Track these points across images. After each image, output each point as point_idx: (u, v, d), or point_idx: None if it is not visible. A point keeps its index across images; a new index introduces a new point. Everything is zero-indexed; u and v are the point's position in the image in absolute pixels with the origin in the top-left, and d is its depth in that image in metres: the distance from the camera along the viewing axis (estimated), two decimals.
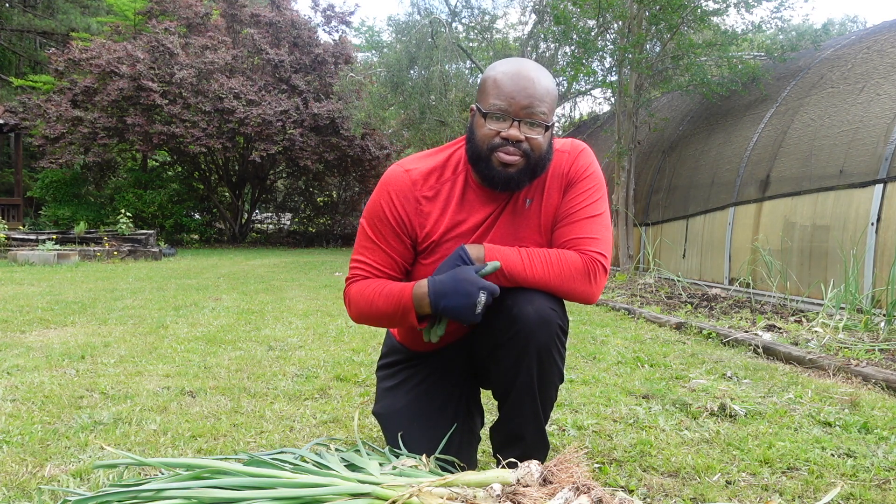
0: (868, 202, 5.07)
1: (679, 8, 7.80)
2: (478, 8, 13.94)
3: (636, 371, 3.15)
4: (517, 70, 1.50)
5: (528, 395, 1.54)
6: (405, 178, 1.60)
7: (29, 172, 17.25)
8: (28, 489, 1.65)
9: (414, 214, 1.59)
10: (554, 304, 1.51)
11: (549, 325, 1.49)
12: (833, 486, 1.73)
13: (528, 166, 1.51)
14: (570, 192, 1.58)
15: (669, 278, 7.29)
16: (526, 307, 1.48)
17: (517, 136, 1.47)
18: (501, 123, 1.48)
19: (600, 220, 1.56)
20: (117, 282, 7.16)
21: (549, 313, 1.49)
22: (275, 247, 16.80)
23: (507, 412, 1.60)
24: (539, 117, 1.48)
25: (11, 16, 20.05)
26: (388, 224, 1.59)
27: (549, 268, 1.49)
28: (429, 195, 1.60)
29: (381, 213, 1.59)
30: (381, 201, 1.60)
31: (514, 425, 1.60)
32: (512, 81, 1.48)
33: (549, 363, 1.53)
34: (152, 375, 2.91)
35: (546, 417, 1.62)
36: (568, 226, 1.56)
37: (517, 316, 1.48)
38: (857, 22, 23.67)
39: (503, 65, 1.53)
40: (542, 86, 1.49)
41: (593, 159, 1.64)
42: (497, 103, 1.48)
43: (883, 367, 3.04)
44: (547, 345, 1.50)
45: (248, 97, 14.35)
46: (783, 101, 6.94)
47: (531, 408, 1.56)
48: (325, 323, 4.50)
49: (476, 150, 1.53)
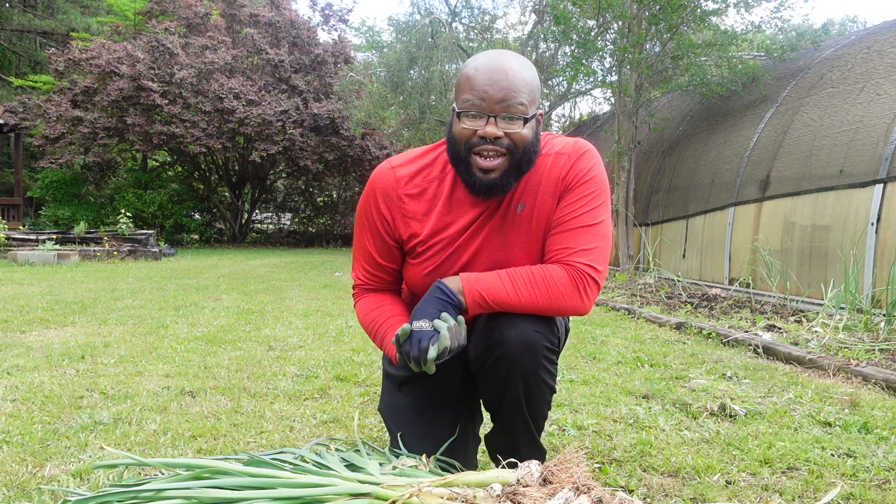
0: (868, 202, 5.07)
1: (679, 8, 7.81)
2: (478, 8, 13.94)
3: (636, 371, 3.15)
4: (490, 62, 1.40)
5: (517, 414, 1.53)
6: (390, 175, 1.58)
7: (29, 172, 17.25)
8: (28, 489, 1.65)
9: (397, 213, 1.56)
10: (538, 326, 1.45)
11: (534, 350, 1.43)
12: (833, 486, 1.73)
13: (512, 164, 1.42)
14: (567, 197, 1.48)
15: (669, 278, 7.29)
16: (507, 331, 1.42)
17: (494, 132, 1.38)
18: (477, 121, 1.39)
19: (596, 230, 1.46)
20: (117, 282, 7.16)
21: (533, 336, 1.43)
22: (275, 247, 16.80)
23: (500, 426, 1.60)
24: (516, 109, 1.38)
25: (11, 16, 20.05)
26: (373, 225, 1.59)
27: (535, 289, 1.42)
28: (413, 192, 1.55)
29: (368, 212, 1.60)
30: (367, 200, 1.60)
31: (508, 439, 1.60)
32: (485, 75, 1.38)
33: (537, 384, 1.49)
34: (152, 375, 2.91)
35: (539, 430, 1.60)
36: (560, 234, 1.47)
37: (498, 341, 1.44)
38: (857, 22, 23.66)
39: (477, 59, 1.43)
40: (518, 76, 1.38)
41: (596, 162, 1.52)
42: (470, 99, 1.38)
43: (883, 367, 3.04)
44: (533, 368, 1.45)
45: (248, 97, 14.35)
46: (783, 101, 6.94)
47: (522, 425, 1.55)
48: (325, 323, 4.50)
49: (455, 151, 1.45)
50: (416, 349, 1.35)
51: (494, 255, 1.53)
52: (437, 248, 1.55)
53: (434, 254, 1.56)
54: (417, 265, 1.58)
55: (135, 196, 15.26)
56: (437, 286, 1.45)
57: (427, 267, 1.57)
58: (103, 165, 15.96)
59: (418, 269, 1.58)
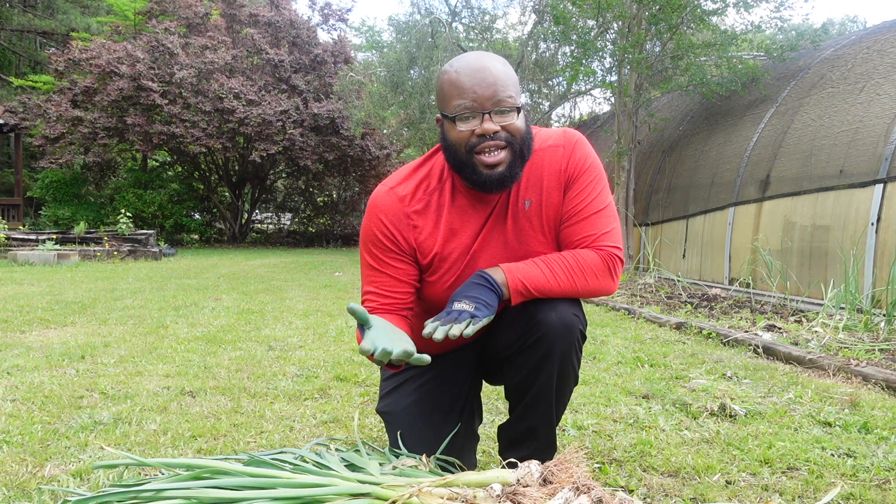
0: (868, 202, 5.07)
1: (678, 8, 7.81)
2: (478, 8, 13.94)
3: (636, 371, 3.15)
4: (470, 64, 1.44)
5: (545, 397, 1.54)
6: (391, 196, 1.56)
7: (29, 172, 17.25)
8: (28, 489, 1.65)
9: (407, 231, 1.55)
10: (576, 310, 1.51)
11: (572, 332, 1.49)
12: (833, 486, 1.73)
13: (514, 154, 1.46)
14: (573, 188, 1.54)
15: (669, 278, 7.29)
16: (549, 313, 1.47)
17: (492, 128, 1.41)
18: (472, 122, 1.42)
19: (607, 213, 1.54)
20: (117, 282, 7.16)
21: (572, 319, 1.49)
22: (275, 247, 16.80)
23: (522, 412, 1.60)
24: (507, 102, 1.42)
25: (11, 16, 20.05)
26: (383, 247, 1.56)
27: (572, 274, 1.47)
28: (418, 208, 1.56)
29: (375, 237, 1.56)
30: (371, 226, 1.56)
31: (528, 425, 1.60)
32: (469, 76, 1.42)
33: (569, 368, 1.54)
34: (152, 375, 2.91)
35: (559, 419, 1.63)
36: (577, 224, 1.53)
37: (541, 321, 1.47)
38: (857, 22, 23.67)
39: (453, 64, 1.47)
40: (499, 71, 1.43)
41: (589, 149, 1.59)
42: (462, 103, 1.42)
43: (883, 367, 3.04)
44: (568, 352, 1.51)
45: (248, 97, 14.34)
46: (783, 101, 6.94)
47: (546, 410, 1.56)
48: (325, 323, 4.50)
49: (456, 157, 1.47)
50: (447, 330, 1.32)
51: (512, 253, 1.56)
52: (453, 258, 1.56)
53: (451, 265, 1.56)
54: (436, 282, 1.58)
55: (135, 196, 15.26)
56: (479, 275, 1.47)
57: (447, 281, 1.57)
58: (103, 165, 15.96)
59: (438, 286, 1.58)
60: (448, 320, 1.36)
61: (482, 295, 1.42)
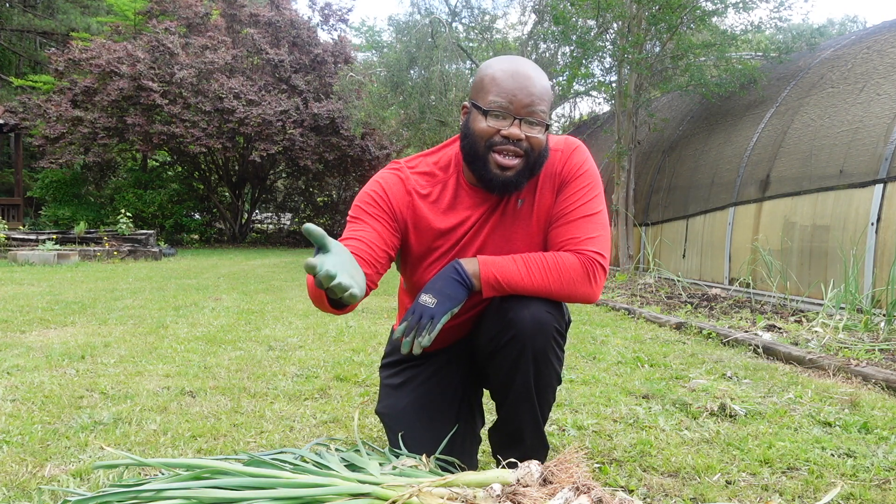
0: (868, 202, 5.07)
1: (678, 8, 7.81)
2: (478, 8, 13.95)
3: (636, 371, 3.15)
4: (516, 68, 1.47)
5: (525, 398, 1.53)
6: (398, 172, 1.60)
7: (29, 172, 17.25)
8: (28, 489, 1.65)
9: (404, 205, 1.56)
10: (550, 308, 1.49)
11: (546, 330, 1.47)
12: (833, 486, 1.73)
13: (526, 166, 1.48)
14: (565, 191, 1.55)
15: (669, 278, 7.29)
16: (522, 311, 1.46)
17: (518, 134, 1.44)
18: (502, 121, 1.45)
19: (596, 219, 1.53)
20: (117, 282, 7.16)
21: (545, 317, 1.47)
22: (275, 247, 16.80)
23: (506, 415, 1.61)
24: (539, 116, 1.46)
25: (11, 16, 20.05)
26: (374, 205, 1.54)
27: (548, 274, 1.47)
28: (422, 192, 1.58)
29: (369, 197, 1.56)
30: (369, 189, 1.58)
31: (513, 428, 1.60)
32: (512, 79, 1.45)
33: (547, 367, 1.52)
34: (152, 375, 2.91)
35: (544, 419, 1.62)
36: (564, 226, 1.53)
37: (512, 321, 1.47)
38: (857, 22, 23.65)
39: (501, 62, 1.50)
40: (541, 84, 1.47)
41: (587, 156, 1.60)
42: (498, 101, 1.45)
43: (883, 367, 3.04)
44: (544, 349, 1.49)
45: (248, 97, 14.34)
46: (783, 101, 6.94)
47: (529, 411, 1.55)
48: (325, 323, 4.50)
49: (473, 148, 1.49)
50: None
51: (497, 250, 1.57)
52: (443, 249, 1.58)
53: (440, 255, 1.58)
54: (426, 269, 1.60)
55: (135, 196, 15.26)
56: (453, 266, 1.48)
57: (435, 269, 1.58)
58: (103, 165, 15.96)
59: (427, 273, 1.59)
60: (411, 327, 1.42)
61: (448, 288, 1.45)
